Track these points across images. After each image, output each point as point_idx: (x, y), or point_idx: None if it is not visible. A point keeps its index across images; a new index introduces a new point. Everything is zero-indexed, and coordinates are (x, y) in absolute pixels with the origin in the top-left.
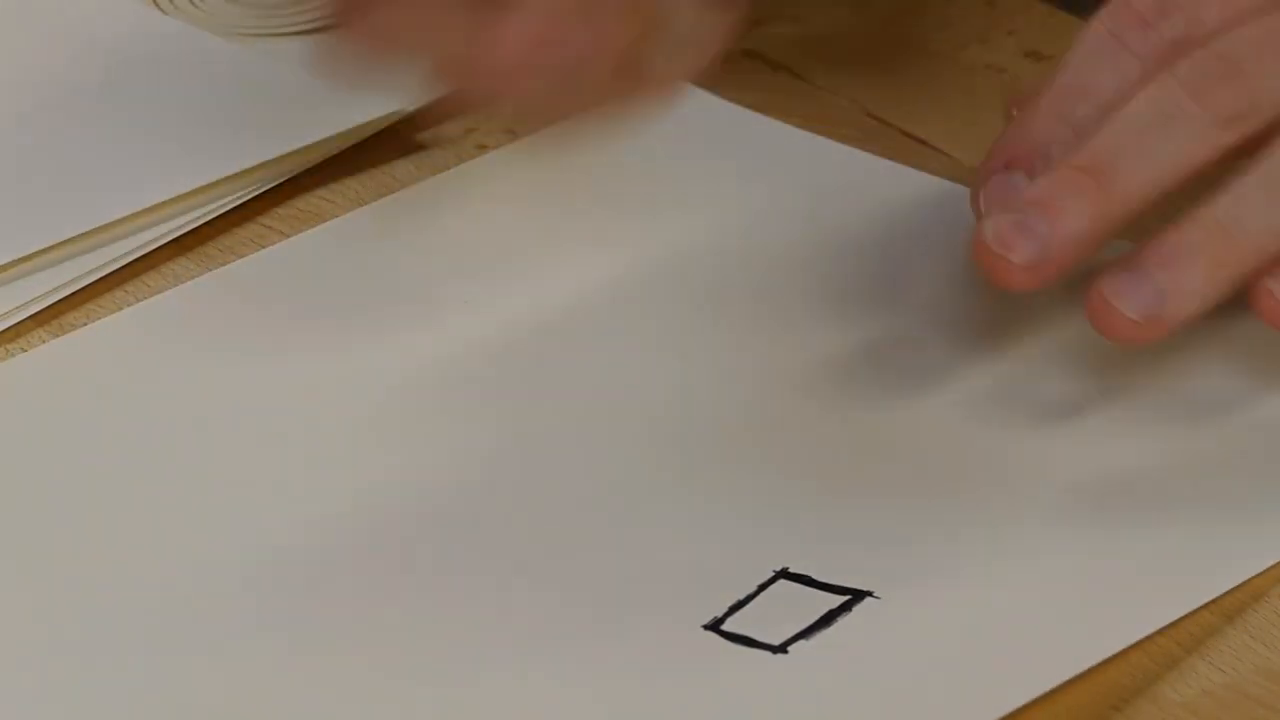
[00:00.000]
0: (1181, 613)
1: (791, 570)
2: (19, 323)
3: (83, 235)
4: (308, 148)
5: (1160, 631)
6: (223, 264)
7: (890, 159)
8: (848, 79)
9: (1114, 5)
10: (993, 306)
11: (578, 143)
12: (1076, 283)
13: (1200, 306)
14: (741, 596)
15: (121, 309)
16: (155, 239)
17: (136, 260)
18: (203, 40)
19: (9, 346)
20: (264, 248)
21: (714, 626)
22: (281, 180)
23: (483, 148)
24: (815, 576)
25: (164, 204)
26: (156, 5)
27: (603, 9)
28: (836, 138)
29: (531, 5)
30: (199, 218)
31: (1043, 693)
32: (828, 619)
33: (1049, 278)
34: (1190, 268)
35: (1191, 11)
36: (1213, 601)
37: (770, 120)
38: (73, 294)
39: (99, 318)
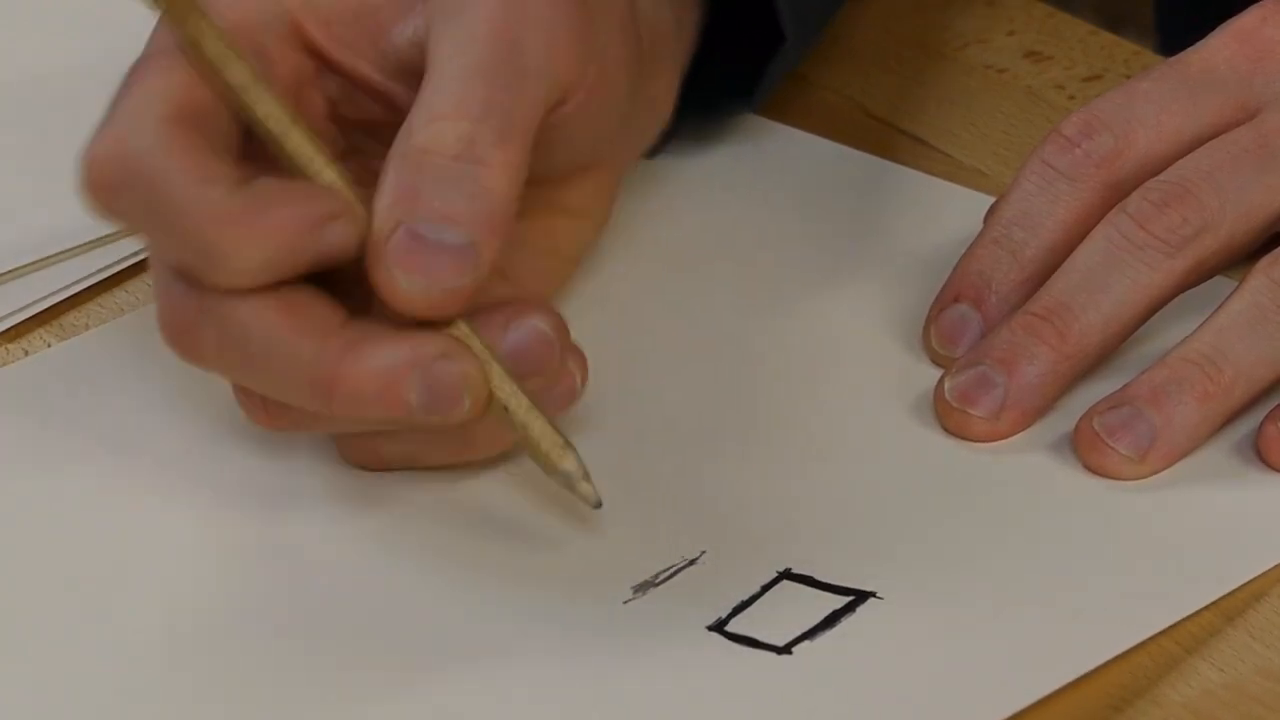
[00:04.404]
0: (1183, 614)
1: (795, 571)
2: (20, 323)
3: (81, 245)
4: None
5: (1160, 631)
6: None
7: (890, 159)
8: (848, 79)
9: (1047, 136)
10: None
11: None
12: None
13: (1193, 441)
14: (745, 597)
15: (122, 309)
16: None
17: (137, 261)
18: None
19: (10, 347)
20: None
21: (718, 627)
22: None
23: None
24: (818, 577)
25: None
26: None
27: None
28: (836, 138)
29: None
30: None
31: (1046, 694)
32: (831, 620)
33: (1013, 426)
34: (1180, 404)
35: (1120, 130)
36: (1213, 602)
37: (770, 121)
38: (74, 295)
39: (100, 318)
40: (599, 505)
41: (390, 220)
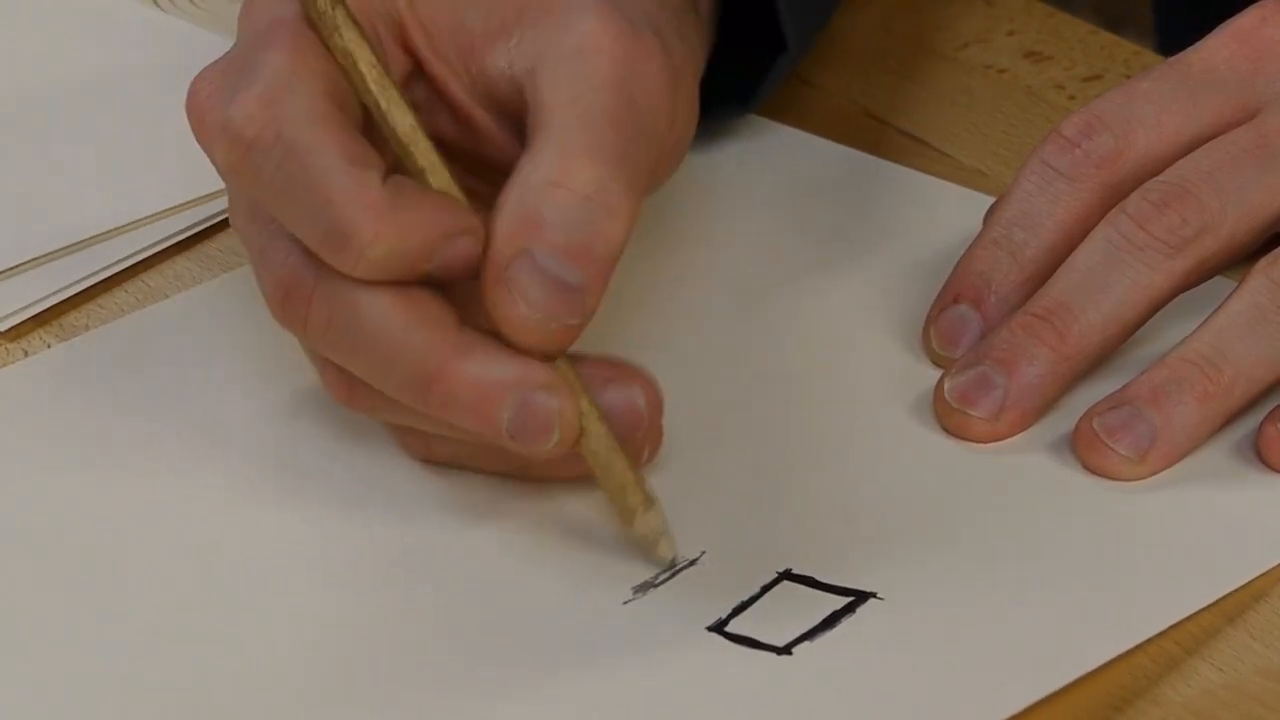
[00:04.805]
0: (1183, 614)
1: (795, 571)
2: (20, 323)
3: (82, 241)
4: None
5: (1161, 632)
6: (223, 265)
7: (890, 159)
8: (848, 79)
9: (1047, 136)
10: None
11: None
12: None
13: (1193, 441)
14: (745, 597)
15: (123, 310)
16: (156, 241)
17: (137, 261)
18: (203, 40)
19: (10, 346)
20: None
21: (718, 628)
22: None
23: None
24: (818, 578)
25: (164, 211)
26: (156, 5)
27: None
28: (836, 138)
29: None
30: (200, 221)
31: (1046, 694)
32: (831, 620)
33: (1013, 426)
34: (1180, 404)
35: (1121, 130)
36: (1213, 602)
37: (770, 121)
38: (73, 295)
39: (100, 319)
40: (673, 563)
41: (511, 245)
